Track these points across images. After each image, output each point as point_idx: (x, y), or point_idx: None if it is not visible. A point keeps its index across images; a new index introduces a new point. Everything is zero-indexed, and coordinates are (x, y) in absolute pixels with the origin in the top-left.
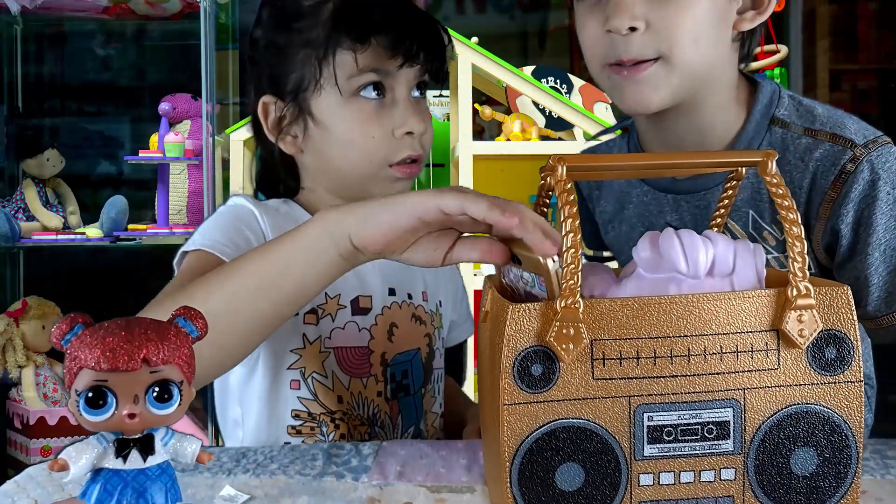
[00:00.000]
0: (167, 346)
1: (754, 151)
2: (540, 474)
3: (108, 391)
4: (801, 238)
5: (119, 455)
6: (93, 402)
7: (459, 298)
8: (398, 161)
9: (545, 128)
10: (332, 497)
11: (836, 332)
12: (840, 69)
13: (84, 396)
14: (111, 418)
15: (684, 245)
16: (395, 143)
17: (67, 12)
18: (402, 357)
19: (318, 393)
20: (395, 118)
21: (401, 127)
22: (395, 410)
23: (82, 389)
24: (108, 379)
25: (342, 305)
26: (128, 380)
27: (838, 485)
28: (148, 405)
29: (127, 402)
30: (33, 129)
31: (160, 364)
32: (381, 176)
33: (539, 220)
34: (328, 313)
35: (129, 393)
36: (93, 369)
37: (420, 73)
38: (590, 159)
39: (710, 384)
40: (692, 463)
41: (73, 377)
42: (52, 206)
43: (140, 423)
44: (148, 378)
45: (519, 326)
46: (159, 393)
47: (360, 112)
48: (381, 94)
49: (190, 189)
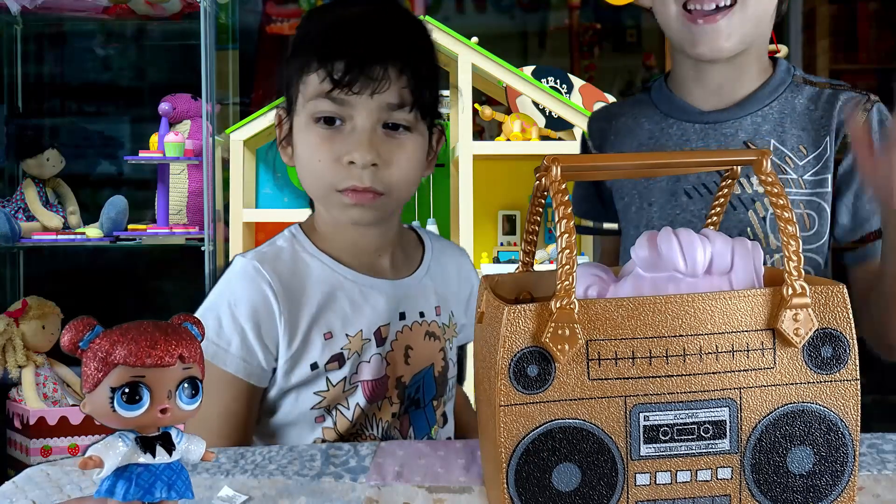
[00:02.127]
0: (193, 345)
1: (750, 150)
2: (536, 475)
3: (144, 387)
4: (797, 237)
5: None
6: (130, 397)
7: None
8: (343, 189)
9: (545, 128)
10: (331, 498)
11: (831, 331)
12: (840, 69)
13: (120, 392)
14: (144, 414)
15: (682, 244)
16: (341, 171)
17: (67, 12)
18: (417, 376)
19: (337, 423)
20: (344, 146)
21: (345, 155)
22: (406, 424)
23: (118, 385)
24: (145, 375)
25: (366, 339)
26: (164, 376)
27: (835, 483)
28: (178, 400)
29: (161, 398)
30: (33, 129)
31: (192, 361)
32: (333, 201)
33: None
34: (354, 351)
35: (163, 388)
36: (131, 365)
37: (388, 105)
38: (585, 159)
39: (706, 384)
40: (689, 462)
41: (103, 376)
42: (52, 206)
43: (171, 418)
44: (181, 374)
45: (514, 327)
46: (188, 388)
47: (315, 136)
48: (338, 121)
49: (190, 189)
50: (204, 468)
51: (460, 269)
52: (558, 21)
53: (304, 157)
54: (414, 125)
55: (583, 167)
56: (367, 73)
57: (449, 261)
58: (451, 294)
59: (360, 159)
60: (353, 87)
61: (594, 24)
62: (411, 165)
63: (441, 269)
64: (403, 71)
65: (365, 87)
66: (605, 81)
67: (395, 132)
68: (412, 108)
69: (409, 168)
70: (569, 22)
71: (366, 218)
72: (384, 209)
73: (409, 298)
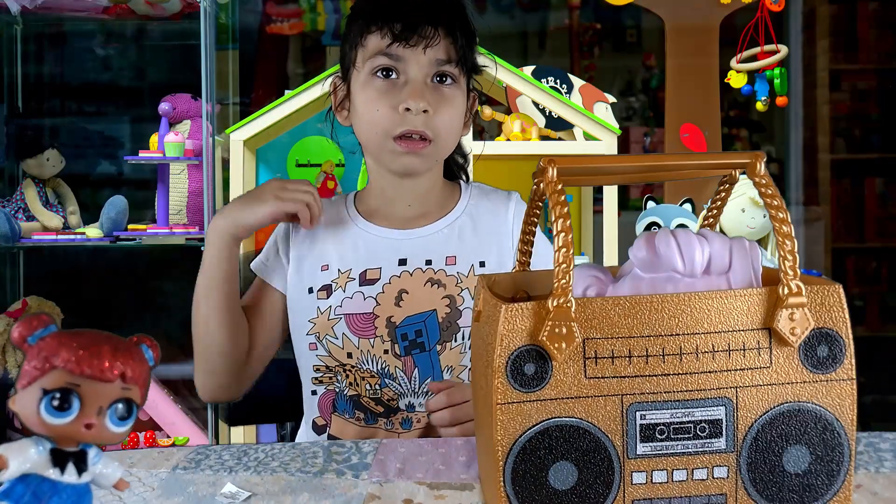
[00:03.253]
0: (140, 368)
1: (743, 153)
2: (533, 473)
3: (76, 397)
4: (791, 236)
5: (56, 465)
6: (60, 403)
7: (508, 239)
8: (398, 134)
9: (545, 128)
10: (333, 494)
11: (828, 331)
12: (840, 69)
13: (51, 396)
14: (69, 424)
15: (680, 244)
16: (396, 118)
17: (67, 12)
18: (413, 318)
19: (331, 351)
20: (399, 96)
21: (401, 104)
22: (410, 365)
23: (51, 388)
24: (80, 384)
25: (351, 278)
26: (100, 390)
27: (831, 482)
28: (107, 419)
29: (90, 412)
30: (33, 129)
31: (132, 383)
32: (388, 148)
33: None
34: (339, 286)
35: (95, 403)
36: (70, 371)
37: (437, 61)
38: (581, 161)
39: (702, 382)
40: (685, 461)
41: (39, 374)
42: (52, 206)
43: (93, 435)
44: (118, 393)
45: (512, 326)
46: (122, 410)
47: (373, 90)
48: (394, 74)
49: (190, 189)
50: (207, 465)
51: (496, 216)
52: (558, 21)
53: (364, 109)
54: (458, 80)
55: (579, 170)
56: (420, 30)
57: (484, 212)
58: (483, 247)
59: (414, 106)
60: (409, 41)
61: (594, 24)
62: (456, 116)
63: (471, 222)
64: (450, 31)
65: (419, 41)
66: (605, 81)
67: (443, 84)
68: (457, 64)
69: (455, 118)
70: (569, 22)
71: (415, 165)
72: (431, 158)
73: (414, 247)
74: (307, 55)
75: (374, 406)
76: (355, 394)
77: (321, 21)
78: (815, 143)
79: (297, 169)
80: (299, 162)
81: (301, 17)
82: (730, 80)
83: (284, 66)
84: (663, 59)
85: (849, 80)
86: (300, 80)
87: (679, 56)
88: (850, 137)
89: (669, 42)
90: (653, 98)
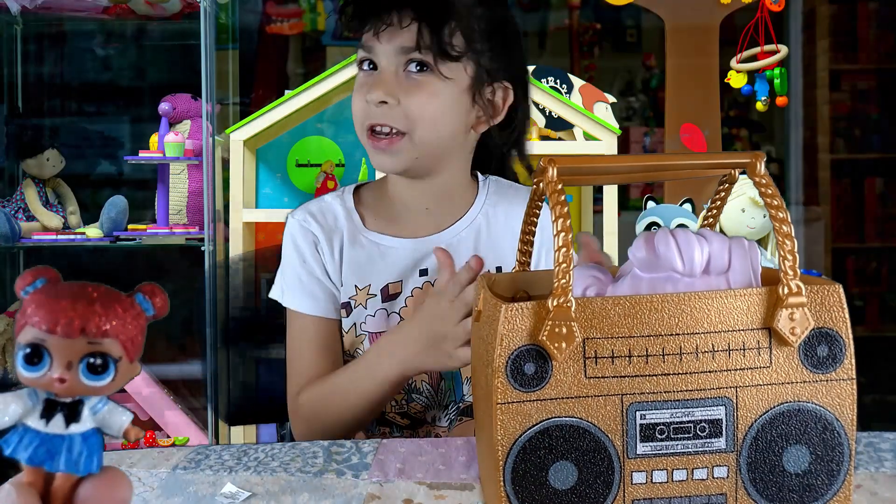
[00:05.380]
0: (111, 321)
1: (743, 153)
2: (533, 472)
3: (45, 351)
4: (792, 236)
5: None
6: (29, 358)
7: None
8: (367, 127)
9: (545, 128)
10: (333, 494)
11: (828, 331)
12: (840, 69)
13: (23, 351)
14: (42, 377)
15: (679, 244)
16: (368, 111)
17: (67, 12)
18: None
19: None
20: (370, 86)
21: (368, 94)
22: (436, 378)
23: (23, 344)
24: (46, 339)
25: (372, 295)
26: (64, 345)
27: (831, 482)
28: (80, 374)
29: (60, 367)
30: (33, 129)
31: (98, 337)
32: (366, 146)
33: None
34: (360, 303)
35: (63, 358)
36: (35, 327)
37: (402, 48)
38: (581, 161)
39: (702, 382)
40: (685, 461)
41: (20, 329)
42: (52, 206)
43: (68, 388)
44: (85, 348)
45: (512, 325)
46: (93, 364)
47: (356, 82)
48: (373, 67)
49: (190, 189)
50: (207, 465)
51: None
52: (558, 21)
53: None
54: (434, 67)
55: (579, 169)
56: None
57: (500, 211)
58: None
59: (371, 97)
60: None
61: (594, 24)
62: (432, 106)
63: (487, 222)
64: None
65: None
66: (605, 81)
67: (417, 73)
68: (421, 51)
69: (429, 108)
70: (569, 22)
71: (385, 164)
72: (407, 153)
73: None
74: (307, 55)
75: (399, 420)
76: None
77: (321, 21)
78: (815, 143)
79: (297, 169)
80: (299, 162)
81: (301, 17)
82: (730, 80)
83: (284, 66)
84: (663, 59)
85: (849, 80)
86: (300, 80)
87: (679, 56)
88: (850, 137)
89: (669, 42)
90: (653, 98)
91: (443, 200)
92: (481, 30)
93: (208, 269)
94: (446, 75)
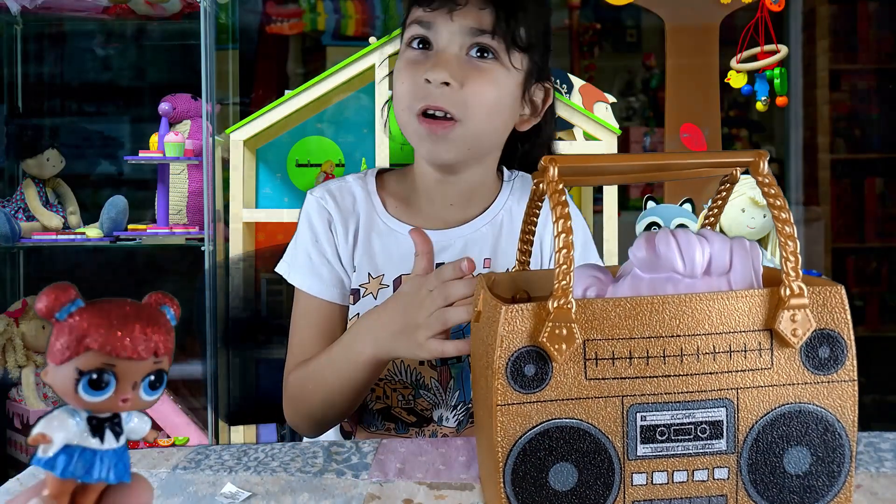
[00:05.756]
0: (168, 338)
1: (747, 152)
2: (533, 474)
3: (112, 375)
4: (794, 237)
5: (95, 434)
6: (96, 384)
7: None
8: (419, 110)
9: None
10: (333, 494)
11: (829, 332)
12: (840, 69)
13: (88, 378)
14: (107, 400)
15: (680, 244)
16: (419, 92)
17: (67, 12)
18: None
19: None
20: (425, 66)
21: (423, 74)
22: (446, 376)
23: (86, 370)
24: (115, 364)
25: (384, 285)
26: (134, 368)
27: (831, 484)
28: (141, 391)
29: (126, 388)
30: (33, 129)
31: (163, 355)
32: (413, 129)
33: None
34: (370, 292)
35: (130, 380)
36: (106, 353)
37: (470, 30)
38: (581, 161)
39: (703, 384)
40: (685, 462)
41: (72, 354)
42: (52, 206)
43: (130, 408)
44: (150, 367)
45: (512, 327)
46: (153, 381)
47: (404, 61)
48: (426, 46)
49: (190, 189)
50: (207, 465)
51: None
52: (558, 21)
53: (395, 84)
54: (500, 56)
55: (579, 169)
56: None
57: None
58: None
59: (433, 76)
60: (432, 4)
61: (594, 24)
62: (492, 95)
63: (510, 217)
64: (492, 0)
65: (444, 4)
66: (605, 81)
67: (480, 59)
68: (494, 35)
69: (491, 95)
70: (569, 22)
71: (440, 153)
72: (461, 143)
73: (452, 249)
74: (307, 55)
75: (405, 416)
76: (384, 406)
77: (321, 21)
78: (815, 143)
79: (297, 169)
80: (299, 162)
81: (301, 17)
82: (730, 80)
83: (284, 66)
84: (663, 59)
85: (849, 80)
86: (300, 80)
87: (679, 56)
88: (850, 137)
89: (669, 42)
90: (653, 98)
91: (468, 195)
92: (539, 26)
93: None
94: (513, 65)
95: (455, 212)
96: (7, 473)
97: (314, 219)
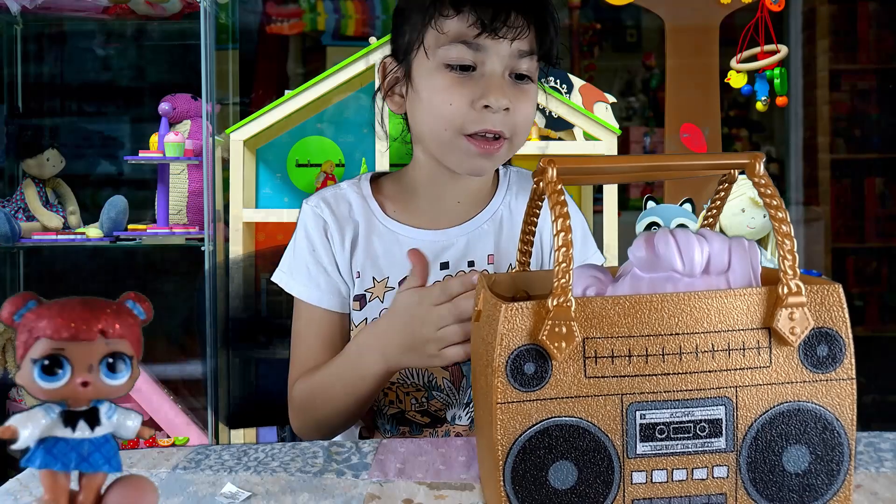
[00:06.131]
0: (122, 322)
1: (742, 154)
2: (533, 472)
3: (65, 360)
4: (791, 236)
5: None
6: (49, 369)
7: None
8: (473, 132)
9: (545, 128)
10: (333, 494)
11: (827, 330)
12: (840, 69)
13: (40, 364)
14: (65, 386)
15: (679, 244)
16: (472, 115)
17: (67, 12)
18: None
19: None
20: (477, 90)
21: (480, 99)
22: (458, 375)
23: (38, 357)
24: (65, 348)
25: (390, 287)
26: (84, 349)
27: (831, 482)
28: (101, 375)
29: (82, 371)
30: (33, 129)
31: (115, 337)
32: (457, 147)
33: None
34: (376, 296)
35: (84, 362)
36: (51, 338)
37: (519, 52)
38: (581, 161)
39: (702, 382)
40: (685, 461)
41: (27, 348)
42: (52, 206)
43: (92, 391)
44: (104, 349)
45: (512, 325)
46: (112, 363)
47: (446, 79)
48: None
49: (190, 189)
50: (207, 465)
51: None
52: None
53: (433, 101)
54: (534, 75)
55: (579, 169)
56: (510, 20)
57: (522, 202)
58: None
59: (495, 103)
60: (499, 32)
61: (594, 24)
62: (532, 113)
63: (510, 213)
64: (534, 21)
65: (508, 32)
66: (605, 81)
67: (520, 81)
68: (535, 56)
69: (531, 115)
70: (569, 22)
71: (485, 168)
72: (503, 158)
73: (456, 248)
74: (307, 55)
75: (419, 418)
76: (398, 411)
77: (321, 21)
78: (815, 143)
79: (297, 169)
80: (299, 162)
81: (301, 17)
82: (730, 80)
83: (284, 66)
84: (663, 59)
85: (849, 80)
86: (300, 80)
87: (679, 56)
88: (850, 137)
89: (669, 42)
90: (653, 98)
91: (475, 192)
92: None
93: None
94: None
95: (457, 210)
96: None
97: (310, 228)
